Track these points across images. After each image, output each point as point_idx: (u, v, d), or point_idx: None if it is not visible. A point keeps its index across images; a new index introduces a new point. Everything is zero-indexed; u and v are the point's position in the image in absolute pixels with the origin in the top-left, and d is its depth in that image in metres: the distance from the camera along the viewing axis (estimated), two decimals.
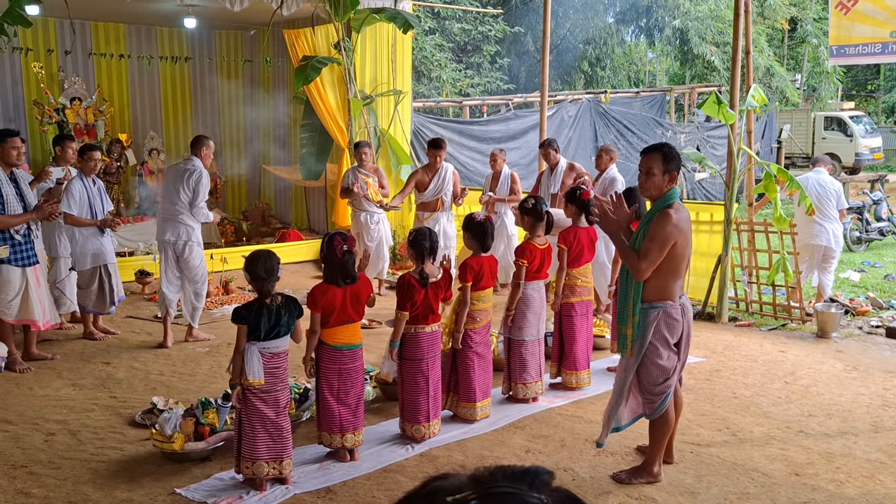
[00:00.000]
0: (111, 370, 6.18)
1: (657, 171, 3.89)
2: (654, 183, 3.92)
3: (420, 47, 16.83)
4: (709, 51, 19.71)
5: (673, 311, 3.92)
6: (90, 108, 11.24)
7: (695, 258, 8.00)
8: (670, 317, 3.92)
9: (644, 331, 3.92)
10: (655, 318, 3.91)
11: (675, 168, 3.91)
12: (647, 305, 3.91)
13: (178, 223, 6.79)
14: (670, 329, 3.93)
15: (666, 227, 3.81)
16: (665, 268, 3.86)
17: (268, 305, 4.05)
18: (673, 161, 3.91)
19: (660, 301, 3.91)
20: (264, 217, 12.41)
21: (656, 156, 3.92)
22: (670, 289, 3.91)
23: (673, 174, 3.90)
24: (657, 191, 3.92)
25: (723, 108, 7.40)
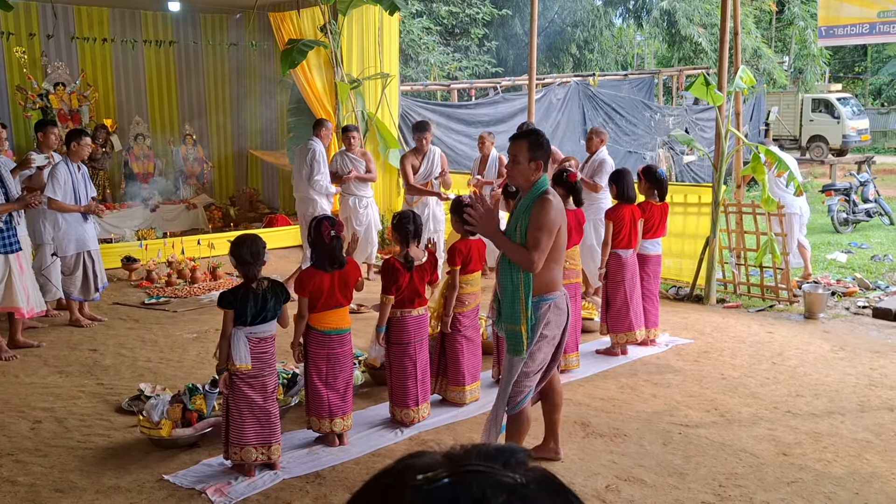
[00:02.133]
0: (98, 357, 6.14)
1: (522, 159, 3.70)
2: (519, 171, 3.72)
3: (407, 30, 16.72)
4: (696, 32, 19.68)
5: (560, 302, 3.80)
6: (74, 93, 11.13)
7: (683, 240, 8.05)
8: (559, 308, 3.79)
9: (535, 325, 3.73)
10: (546, 311, 3.75)
11: (542, 157, 3.71)
12: (537, 299, 3.72)
13: (306, 198, 7.86)
14: (558, 321, 3.80)
15: (549, 212, 3.64)
16: (550, 257, 3.69)
17: (254, 290, 4.02)
18: (540, 150, 3.71)
19: (549, 293, 3.76)
20: (252, 202, 12.35)
21: (522, 143, 3.73)
22: (557, 279, 3.78)
23: (539, 163, 3.69)
24: (523, 179, 3.73)
25: (710, 90, 7.38)
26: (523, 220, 3.69)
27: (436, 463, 0.61)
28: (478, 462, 0.60)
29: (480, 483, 0.58)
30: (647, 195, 6.26)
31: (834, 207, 12.00)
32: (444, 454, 0.63)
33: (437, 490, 0.58)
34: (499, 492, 0.58)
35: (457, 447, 0.64)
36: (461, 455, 0.62)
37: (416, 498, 0.59)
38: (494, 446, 0.64)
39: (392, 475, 0.62)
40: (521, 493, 0.59)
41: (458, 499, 0.57)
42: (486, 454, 0.62)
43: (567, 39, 22.21)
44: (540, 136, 3.78)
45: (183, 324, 7.09)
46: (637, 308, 6.04)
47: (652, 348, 6.23)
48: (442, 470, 0.60)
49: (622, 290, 5.98)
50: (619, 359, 5.99)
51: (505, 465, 0.60)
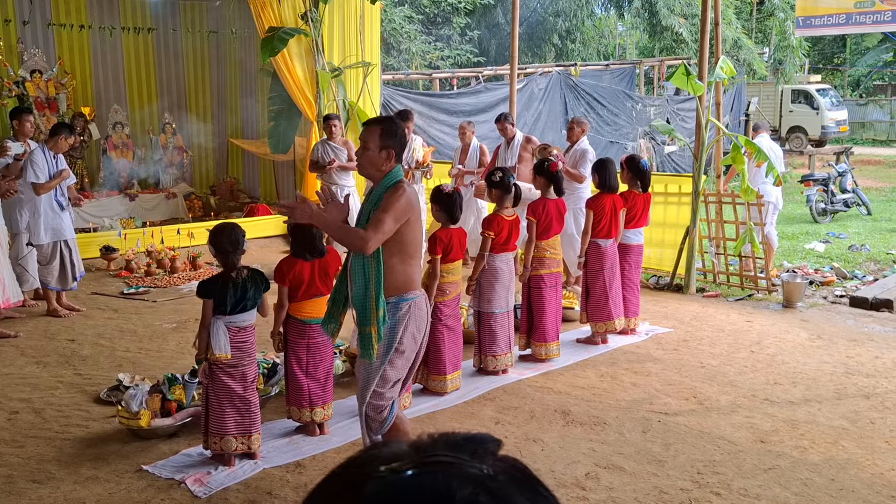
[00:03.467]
0: (76, 347, 6.08)
1: (372, 146, 3.43)
2: (368, 159, 3.46)
3: (389, 19, 16.63)
4: (677, 23, 19.71)
5: (421, 302, 3.55)
6: (51, 80, 10.98)
7: (663, 229, 8.09)
8: (420, 309, 3.54)
9: (394, 328, 3.46)
10: (407, 312, 3.48)
11: (395, 146, 3.45)
12: (397, 298, 3.47)
13: None
14: (419, 323, 3.54)
15: (401, 198, 3.38)
16: (407, 251, 3.47)
17: (233, 279, 3.99)
18: (392, 138, 3.45)
19: (408, 292, 3.50)
20: (232, 191, 12.26)
21: (374, 129, 3.48)
22: (415, 278, 3.55)
23: (391, 152, 3.44)
24: (374, 168, 3.47)
25: (691, 80, 7.41)
26: (373, 211, 3.43)
27: (401, 453, 0.59)
28: (444, 452, 0.59)
29: (446, 474, 0.56)
30: (629, 185, 6.28)
31: (812, 198, 12.10)
32: (411, 444, 0.61)
33: (401, 482, 0.56)
34: (465, 484, 0.56)
35: (424, 436, 0.62)
36: (427, 445, 0.60)
37: (379, 490, 0.56)
38: (462, 435, 0.62)
39: (356, 466, 0.60)
40: (487, 485, 0.57)
41: (422, 491, 0.55)
42: (454, 444, 0.60)
43: (549, 29, 22.17)
44: (394, 124, 3.55)
45: (162, 314, 7.04)
46: (616, 297, 6.07)
47: (632, 337, 6.26)
48: (407, 461, 0.58)
49: (601, 280, 6.00)
50: (599, 348, 6.02)
51: (473, 455, 0.59)
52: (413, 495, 0.55)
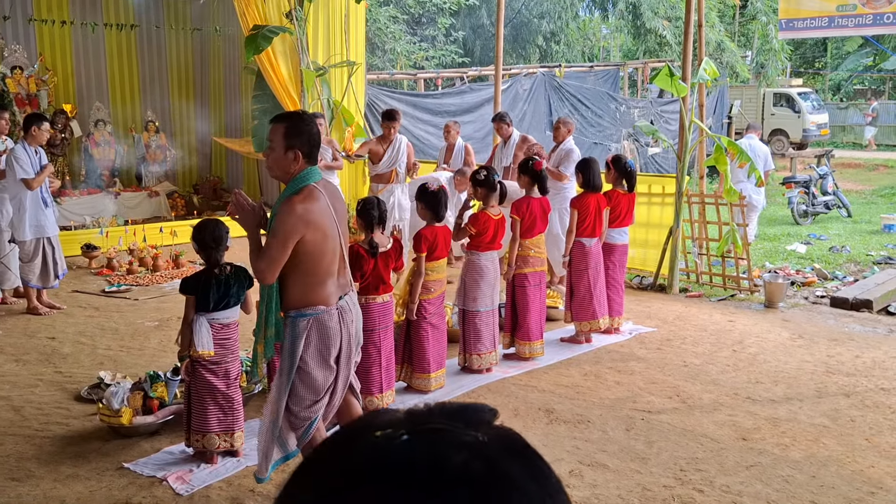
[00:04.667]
0: (56, 345, 6.02)
1: (277, 145, 3.23)
2: (274, 160, 3.25)
3: (374, 19, 16.61)
4: (661, 25, 19.83)
5: (327, 318, 3.32)
6: (32, 77, 10.87)
7: (647, 230, 8.12)
8: (324, 325, 3.32)
9: (293, 344, 3.30)
10: (306, 328, 3.30)
11: (303, 146, 3.22)
12: (295, 314, 3.30)
13: None
14: (325, 341, 3.33)
15: (287, 219, 3.17)
16: (302, 268, 3.24)
17: (216, 276, 3.97)
18: (299, 137, 3.22)
19: (308, 307, 3.29)
20: (216, 190, 12.19)
21: (278, 127, 3.26)
22: (318, 292, 3.29)
23: (297, 152, 3.21)
24: (280, 170, 3.26)
25: (675, 81, 7.45)
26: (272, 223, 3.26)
27: (396, 421, 0.59)
28: (440, 420, 0.59)
29: (440, 441, 0.56)
30: (615, 184, 6.31)
31: (794, 199, 12.20)
32: (406, 412, 0.61)
33: (395, 447, 0.56)
34: (459, 450, 0.56)
35: (420, 405, 0.62)
36: (423, 413, 0.60)
37: (372, 454, 0.57)
38: (458, 404, 0.62)
39: (350, 432, 0.60)
40: (482, 452, 0.57)
41: (415, 456, 0.55)
42: (449, 413, 0.60)
43: (533, 31, 22.24)
44: (302, 122, 3.29)
45: (144, 312, 6.98)
46: (601, 296, 6.08)
47: (616, 336, 6.28)
48: (401, 427, 0.58)
49: (586, 279, 6.02)
50: (583, 346, 6.04)
51: (467, 423, 0.59)
52: (406, 459, 0.55)
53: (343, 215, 3.44)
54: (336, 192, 3.44)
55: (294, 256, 3.22)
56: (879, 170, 19.66)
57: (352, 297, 3.51)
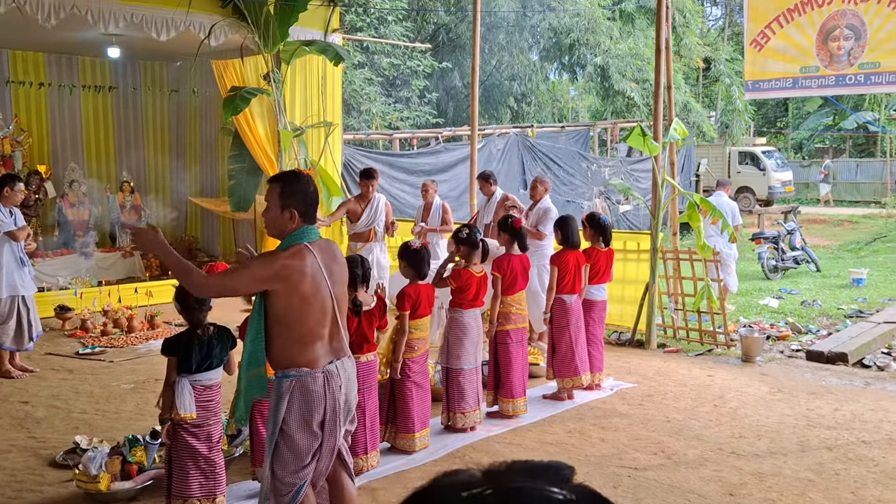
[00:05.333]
0: (30, 409, 5.88)
1: (273, 205, 3.22)
2: (270, 219, 3.25)
3: (349, 80, 16.88)
4: (629, 87, 20.36)
5: (311, 381, 3.18)
6: (7, 138, 10.83)
7: (623, 286, 8.19)
8: (307, 389, 3.18)
9: (276, 405, 3.19)
10: (289, 389, 3.18)
11: (297, 205, 3.19)
12: (280, 374, 3.21)
13: None
14: (308, 405, 3.18)
15: (261, 265, 3.18)
16: (284, 326, 3.17)
17: (199, 336, 3.93)
18: (293, 196, 3.20)
19: (291, 368, 3.18)
20: (191, 250, 12.11)
21: (273, 187, 3.26)
22: (302, 353, 3.18)
23: (293, 211, 3.19)
24: (276, 230, 3.25)
25: (647, 141, 7.63)
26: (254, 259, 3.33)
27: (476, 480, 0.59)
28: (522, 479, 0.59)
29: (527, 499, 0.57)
30: (592, 241, 6.39)
31: (764, 255, 12.41)
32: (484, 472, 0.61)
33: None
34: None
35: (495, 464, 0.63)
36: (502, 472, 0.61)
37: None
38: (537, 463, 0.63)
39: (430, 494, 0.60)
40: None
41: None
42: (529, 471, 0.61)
43: (505, 92, 22.70)
44: (295, 181, 3.27)
45: (120, 374, 6.86)
46: (582, 353, 6.11)
47: (597, 392, 6.28)
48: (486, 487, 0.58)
49: (567, 335, 6.04)
50: (566, 403, 6.03)
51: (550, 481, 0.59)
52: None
53: (340, 278, 3.35)
54: (335, 253, 3.37)
55: (273, 312, 3.18)
56: (844, 225, 20.12)
57: (345, 363, 3.33)
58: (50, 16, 8.22)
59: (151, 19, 9.02)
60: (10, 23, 8.27)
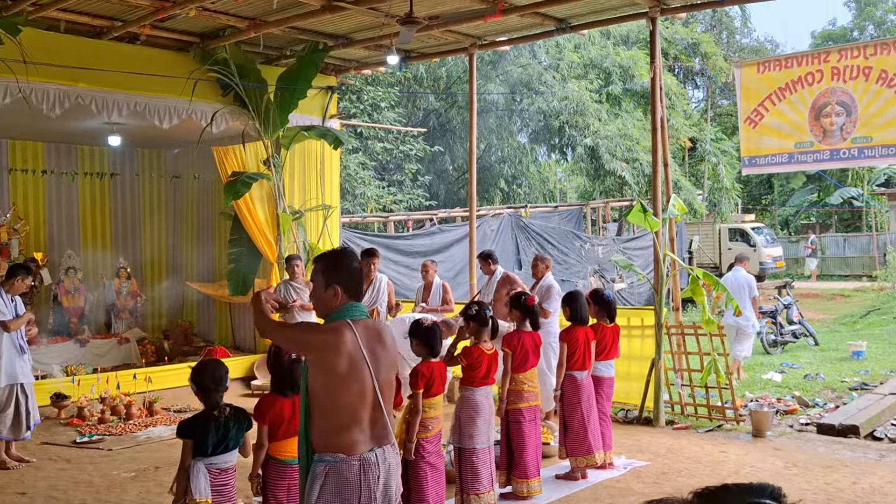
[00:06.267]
0: (27, 501, 5.70)
1: (317, 283, 3.14)
2: (316, 298, 3.17)
3: (344, 165, 17.14)
4: (619, 167, 20.76)
5: (345, 468, 2.97)
6: (4, 226, 10.84)
7: (629, 362, 8.14)
8: (341, 476, 2.97)
9: (310, 488, 3.01)
10: (322, 473, 2.99)
11: (341, 281, 3.09)
12: (316, 457, 3.03)
13: None
14: (341, 493, 2.96)
15: (303, 329, 3.26)
16: (318, 405, 3.03)
17: (215, 418, 3.85)
18: (335, 273, 3.11)
19: (327, 452, 3.00)
20: (187, 336, 12.00)
21: (318, 266, 3.18)
22: (338, 437, 2.99)
23: (336, 288, 3.08)
24: (323, 308, 3.14)
25: (648, 216, 7.71)
26: None
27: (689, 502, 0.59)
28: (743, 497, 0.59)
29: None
30: (597, 318, 6.38)
31: (763, 330, 12.41)
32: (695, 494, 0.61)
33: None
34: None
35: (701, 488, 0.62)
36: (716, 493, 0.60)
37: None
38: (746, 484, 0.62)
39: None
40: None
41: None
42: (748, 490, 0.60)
43: (496, 175, 23.08)
44: (338, 258, 3.20)
45: (119, 462, 6.68)
46: (595, 430, 6.01)
47: (611, 471, 6.16)
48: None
49: (580, 412, 5.96)
50: (580, 483, 5.90)
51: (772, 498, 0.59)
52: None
53: (386, 361, 3.10)
54: (381, 335, 3.13)
55: (311, 388, 3.05)
56: (836, 299, 20.24)
57: (387, 451, 3.07)
58: (55, 106, 8.38)
59: (154, 108, 9.18)
60: (13, 112, 8.39)
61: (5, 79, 7.61)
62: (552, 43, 22.05)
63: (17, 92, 7.77)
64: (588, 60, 22.33)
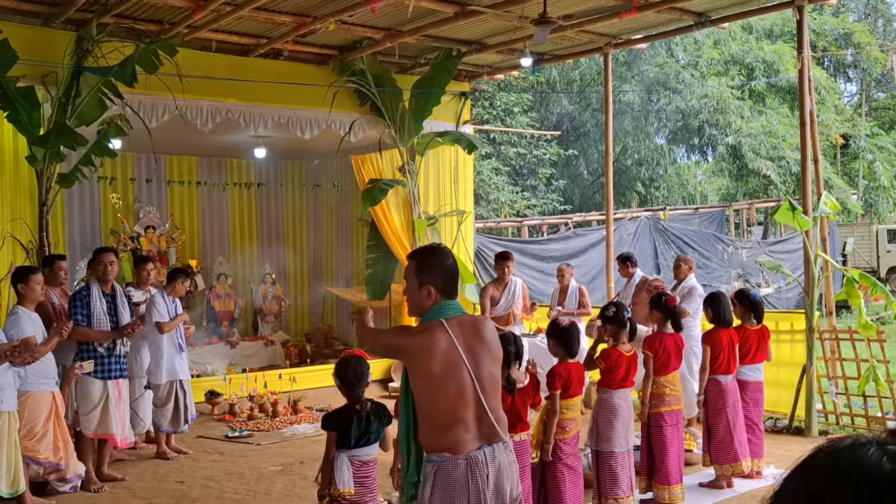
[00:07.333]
0: (185, 489, 6.06)
1: (410, 282, 3.09)
2: (410, 297, 3.11)
3: (477, 171, 17.28)
4: (764, 165, 19.79)
5: (451, 467, 2.92)
6: (163, 235, 11.63)
7: (777, 368, 7.73)
8: (447, 476, 2.93)
9: (423, 487, 2.99)
10: (431, 473, 2.96)
11: (434, 281, 3.02)
12: (425, 457, 3.02)
13: None
14: (449, 493, 2.92)
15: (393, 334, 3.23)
16: (419, 406, 3.01)
17: (357, 412, 3.96)
18: (428, 272, 3.05)
19: (434, 452, 2.97)
20: (327, 339, 12.42)
21: (410, 264, 3.13)
22: (443, 437, 2.95)
23: (429, 288, 3.02)
24: (416, 307, 3.10)
25: (797, 215, 7.32)
26: None
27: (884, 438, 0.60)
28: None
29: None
30: (743, 319, 6.10)
31: None
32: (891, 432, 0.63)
33: None
34: None
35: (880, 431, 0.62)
36: None
37: None
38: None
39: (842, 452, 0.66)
40: None
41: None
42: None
43: (632, 178, 22.59)
44: (430, 256, 3.13)
45: (267, 456, 7.00)
46: (741, 437, 5.74)
47: (759, 481, 5.86)
48: None
49: (724, 418, 5.71)
50: (726, 492, 5.65)
51: None
52: None
53: (485, 356, 3.04)
54: (479, 330, 3.08)
55: (413, 392, 3.03)
56: None
57: (497, 449, 3.00)
58: (207, 121, 8.93)
59: (297, 120, 9.62)
60: (171, 129, 8.98)
61: (164, 97, 8.15)
62: (690, 40, 21.33)
63: (175, 109, 8.32)
64: (729, 56, 21.44)
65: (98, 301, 6.04)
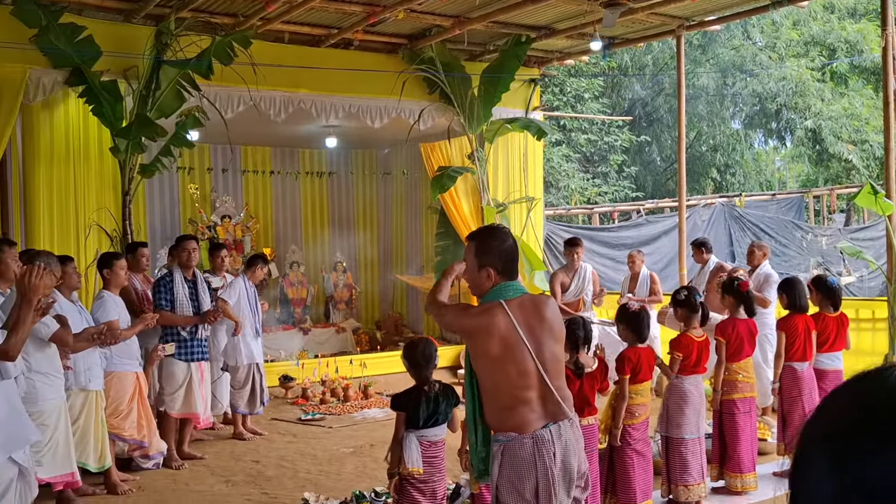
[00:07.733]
0: (261, 468, 6.26)
1: (470, 264, 3.09)
2: (470, 279, 3.13)
3: (547, 158, 17.16)
4: (846, 150, 19.05)
5: (517, 446, 2.94)
6: (239, 224, 11.94)
7: (856, 358, 7.47)
8: (514, 455, 2.94)
9: (492, 466, 3.02)
10: (498, 452, 2.98)
11: (494, 263, 3.03)
12: (492, 437, 3.05)
13: None
14: (517, 472, 2.93)
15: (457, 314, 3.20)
16: (483, 387, 3.04)
17: (426, 393, 4.02)
18: (487, 254, 3.04)
19: (500, 432, 2.99)
20: (397, 326, 12.56)
21: (469, 245, 3.13)
22: (508, 417, 2.98)
23: (489, 270, 3.02)
24: (477, 288, 3.10)
25: (879, 199, 7.07)
26: None
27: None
28: None
29: None
30: (820, 306, 5.93)
31: None
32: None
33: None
34: None
35: None
36: None
37: None
38: None
39: None
40: None
41: None
42: None
43: (707, 164, 22.06)
44: (489, 238, 3.12)
45: (339, 439, 7.16)
46: None
47: None
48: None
49: (800, 406, 5.57)
50: None
51: None
52: None
53: (546, 336, 3.03)
54: (540, 309, 3.07)
55: (476, 372, 3.08)
56: None
57: (563, 427, 3.02)
58: (280, 111, 9.13)
59: (367, 109, 9.74)
60: (245, 119, 9.21)
61: (239, 89, 8.37)
62: (768, 21, 20.65)
63: (249, 100, 8.53)
64: (809, 37, 20.67)
65: (181, 287, 6.29)
